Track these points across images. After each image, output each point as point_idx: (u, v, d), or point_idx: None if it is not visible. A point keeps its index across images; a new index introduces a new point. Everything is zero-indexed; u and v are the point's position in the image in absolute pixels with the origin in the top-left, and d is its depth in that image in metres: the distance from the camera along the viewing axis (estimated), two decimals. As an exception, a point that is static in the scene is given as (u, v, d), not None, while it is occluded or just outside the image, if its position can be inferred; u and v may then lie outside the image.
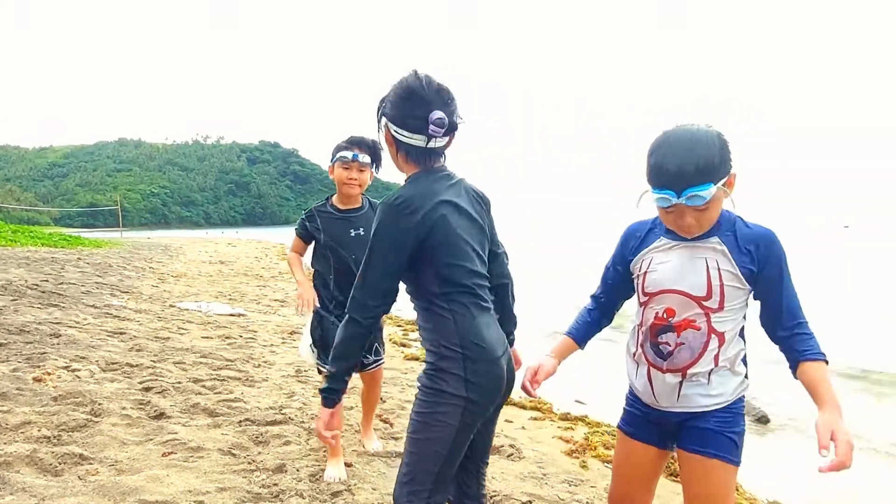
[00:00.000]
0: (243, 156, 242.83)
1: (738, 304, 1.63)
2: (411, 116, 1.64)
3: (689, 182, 1.49)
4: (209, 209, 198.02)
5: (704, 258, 1.61)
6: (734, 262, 1.59)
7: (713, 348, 1.62)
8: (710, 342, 1.62)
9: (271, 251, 27.25)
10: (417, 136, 1.65)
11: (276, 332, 6.93)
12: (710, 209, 1.54)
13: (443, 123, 1.63)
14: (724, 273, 1.59)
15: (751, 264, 1.59)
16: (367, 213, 2.90)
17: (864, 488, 3.64)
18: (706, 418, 1.64)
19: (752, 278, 1.60)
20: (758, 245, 1.59)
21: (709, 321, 1.61)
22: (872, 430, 4.65)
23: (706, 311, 1.61)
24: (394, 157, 1.77)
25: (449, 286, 1.64)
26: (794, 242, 18.11)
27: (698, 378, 1.63)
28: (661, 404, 1.70)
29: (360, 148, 2.81)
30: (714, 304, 1.60)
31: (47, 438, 2.96)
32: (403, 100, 1.66)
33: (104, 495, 2.46)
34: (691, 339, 1.63)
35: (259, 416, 3.68)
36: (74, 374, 4.15)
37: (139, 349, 5.22)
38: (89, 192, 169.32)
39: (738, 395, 1.66)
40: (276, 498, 2.61)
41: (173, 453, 2.99)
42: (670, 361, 1.65)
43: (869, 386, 5.89)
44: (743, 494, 3.17)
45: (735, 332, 1.64)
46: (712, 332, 1.62)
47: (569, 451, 3.64)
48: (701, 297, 1.61)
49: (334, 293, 2.87)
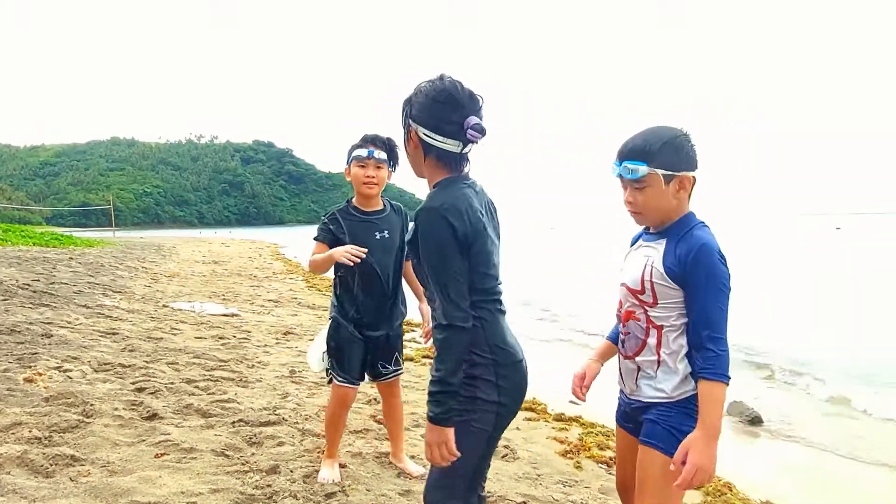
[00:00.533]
0: (237, 155, 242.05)
1: (674, 302, 1.70)
2: (446, 121, 1.63)
3: (627, 156, 1.70)
4: (203, 209, 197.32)
5: (648, 257, 1.75)
6: (663, 263, 1.70)
7: (653, 341, 1.73)
8: (649, 333, 1.73)
9: (265, 251, 27.17)
10: (451, 140, 1.64)
11: (270, 333, 6.90)
12: (645, 192, 1.70)
13: (482, 129, 1.64)
14: (654, 271, 1.71)
15: (677, 268, 1.67)
16: (391, 216, 2.81)
17: (859, 489, 3.66)
18: (650, 410, 1.75)
19: (680, 281, 1.67)
20: (688, 252, 1.65)
21: (646, 314, 1.73)
22: (872, 434, 4.68)
23: (642, 304, 1.74)
24: (418, 162, 1.73)
25: (478, 294, 1.63)
26: (785, 243, 18.15)
27: (647, 370, 1.75)
28: (626, 390, 1.84)
29: (376, 144, 2.72)
30: (648, 299, 1.72)
31: (38, 439, 2.94)
32: (439, 104, 1.63)
33: (96, 497, 2.44)
34: (633, 328, 1.77)
35: (253, 416, 3.66)
36: (66, 374, 4.12)
37: (132, 349, 5.19)
38: (81, 191, 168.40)
39: (682, 394, 1.69)
40: (269, 499, 2.60)
41: (166, 454, 2.97)
42: (625, 349, 1.81)
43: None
44: (736, 495, 3.18)
45: (676, 329, 1.70)
46: (650, 325, 1.73)
47: (563, 451, 3.64)
48: (636, 290, 1.75)
49: (358, 297, 2.75)
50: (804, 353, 7.25)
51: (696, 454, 1.55)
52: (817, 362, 6.87)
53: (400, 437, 3.08)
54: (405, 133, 1.74)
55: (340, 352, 2.79)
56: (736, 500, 3.10)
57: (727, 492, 3.19)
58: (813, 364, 6.78)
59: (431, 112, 1.64)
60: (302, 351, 6.01)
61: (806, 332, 8.70)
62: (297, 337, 6.81)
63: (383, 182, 2.75)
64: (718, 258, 1.64)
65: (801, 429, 4.69)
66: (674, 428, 1.68)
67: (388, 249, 2.74)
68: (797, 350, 7.42)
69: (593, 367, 1.96)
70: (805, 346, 7.70)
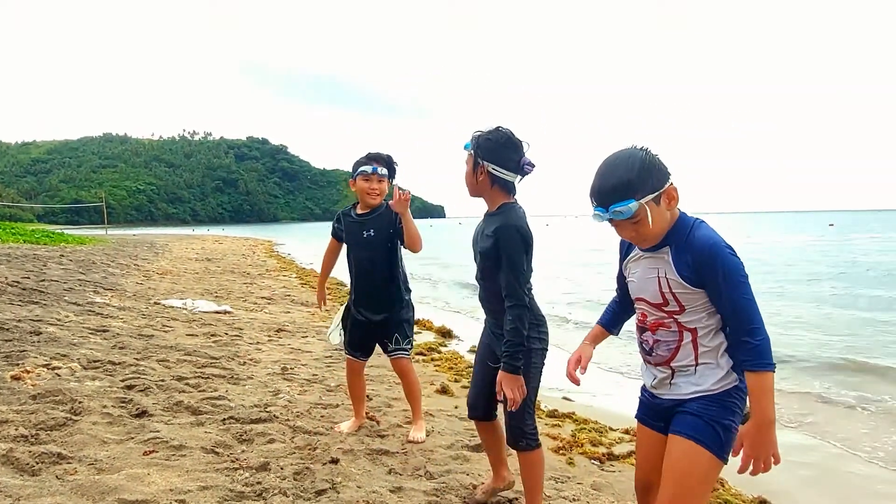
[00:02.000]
0: (231, 152, 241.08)
1: (700, 304, 1.69)
2: (510, 160, 2.29)
3: (611, 199, 1.66)
4: (196, 206, 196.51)
5: (657, 269, 1.74)
6: (675, 270, 1.69)
7: (688, 342, 1.73)
8: (683, 337, 1.74)
9: (259, 248, 27.09)
10: (512, 174, 2.30)
11: (262, 330, 6.87)
12: (643, 223, 1.66)
13: (533, 165, 2.33)
14: (671, 282, 1.71)
15: (689, 272, 1.67)
16: (380, 216, 3.27)
17: (854, 484, 3.67)
18: (688, 404, 1.73)
19: (697, 283, 1.67)
20: (698, 255, 1.65)
21: (676, 321, 1.74)
22: (866, 428, 4.70)
23: (670, 314, 1.74)
24: (483, 189, 2.36)
25: (528, 283, 2.31)
26: (781, 239, 18.24)
27: (684, 370, 1.74)
28: (658, 392, 1.83)
29: (379, 162, 3.26)
30: (675, 308, 1.72)
31: (25, 437, 2.90)
32: (504, 147, 2.29)
33: (83, 495, 2.41)
34: (665, 336, 1.77)
35: (243, 414, 3.63)
36: (54, 372, 4.07)
37: (122, 347, 5.14)
38: (73, 188, 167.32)
39: (723, 387, 1.70)
40: (259, 496, 2.57)
41: (155, 452, 2.93)
42: (654, 357, 1.81)
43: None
44: (728, 490, 3.18)
45: (711, 326, 1.70)
46: (683, 329, 1.73)
47: (556, 447, 3.63)
48: (659, 304, 1.75)
49: (354, 285, 3.36)
50: (795, 347, 7.28)
51: (749, 444, 1.60)
52: (807, 356, 6.90)
53: (415, 408, 3.52)
54: (475, 168, 2.33)
55: (346, 330, 3.45)
56: (728, 496, 3.09)
57: (719, 487, 3.18)
58: (803, 358, 6.81)
59: (498, 153, 2.29)
60: (294, 348, 5.99)
61: (794, 326, 8.74)
62: (290, 334, 6.78)
63: (384, 193, 3.28)
64: (728, 252, 1.63)
65: (795, 424, 4.70)
66: (714, 421, 1.68)
67: (372, 245, 3.26)
68: (785, 344, 7.45)
69: (587, 350, 2.02)
70: (793, 341, 7.73)
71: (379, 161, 3.26)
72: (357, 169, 3.26)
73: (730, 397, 1.69)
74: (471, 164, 2.36)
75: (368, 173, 3.22)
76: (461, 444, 3.45)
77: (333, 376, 4.93)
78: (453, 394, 4.77)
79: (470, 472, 3.04)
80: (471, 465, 3.14)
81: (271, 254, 24.11)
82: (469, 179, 2.38)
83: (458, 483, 2.87)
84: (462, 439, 3.53)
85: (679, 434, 1.72)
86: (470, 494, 2.75)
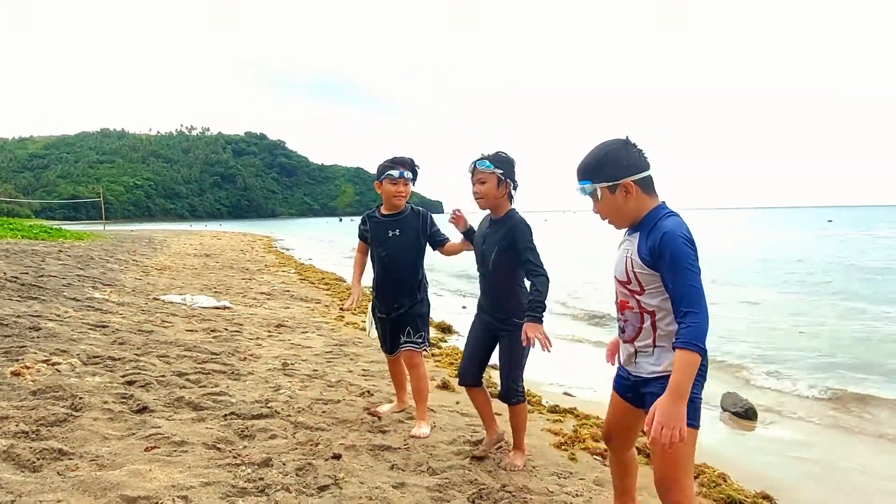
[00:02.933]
0: (229, 147, 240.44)
1: (658, 288, 1.91)
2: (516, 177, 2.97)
3: (579, 176, 2.03)
4: (194, 201, 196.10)
5: (627, 250, 1.99)
6: (639, 252, 1.93)
7: (648, 324, 1.96)
8: (644, 319, 1.97)
9: (257, 244, 27.05)
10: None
11: (262, 326, 6.85)
12: (600, 204, 2.00)
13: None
14: (634, 262, 1.95)
15: (648, 255, 1.89)
16: (406, 218, 3.47)
17: (856, 479, 3.67)
18: (652, 384, 1.97)
19: (652, 265, 1.89)
20: (655, 238, 1.88)
21: (638, 302, 1.97)
22: (879, 416, 4.70)
23: (632, 293, 1.99)
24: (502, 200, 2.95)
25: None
26: (778, 235, 18.24)
27: (644, 350, 2.00)
28: (627, 368, 2.09)
29: (404, 166, 3.42)
30: (636, 288, 1.97)
31: (25, 433, 2.88)
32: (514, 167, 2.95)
33: (84, 491, 2.39)
34: (630, 317, 2.02)
35: (244, 409, 3.62)
36: (54, 367, 4.06)
37: (122, 342, 5.13)
38: (71, 183, 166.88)
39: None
40: (261, 492, 2.56)
41: (156, 448, 2.92)
42: (624, 335, 2.06)
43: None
44: (731, 485, 3.17)
45: (667, 311, 1.90)
46: (643, 311, 1.97)
47: (558, 443, 3.63)
48: (624, 281, 2.01)
49: (377, 282, 3.53)
50: (791, 347, 7.29)
51: (660, 413, 1.76)
52: (804, 355, 6.91)
53: (418, 405, 3.59)
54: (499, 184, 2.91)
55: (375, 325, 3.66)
56: (731, 491, 3.09)
57: (722, 483, 3.18)
58: (801, 357, 6.81)
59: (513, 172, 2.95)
60: (294, 344, 5.98)
61: (792, 325, 8.76)
62: (290, 330, 6.77)
63: (408, 195, 3.48)
64: (683, 242, 1.83)
65: (796, 420, 4.70)
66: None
67: (400, 244, 3.44)
68: (783, 343, 7.45)
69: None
70: (791, 340, 7.74)
71: (404, 165, 3.42)
72: (384, 173, 3.41)
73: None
74: (494, 181, 2.89)
75: (395, 177, 3.38)
76: (463, 439, 3.45)
77: (334, 372, 4.92)
78: (454, 389, 4.76)
79: (472, 467, 3.03)
80: (473, 461, 3.13)
81: (270, 249, 24.08)
82: (493, 193, 2.90)
83: (460, 478, 2.86)
84: (464, 435, 3.52)
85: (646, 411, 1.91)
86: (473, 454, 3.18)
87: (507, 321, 2.97)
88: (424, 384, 3.56)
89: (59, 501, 2.27)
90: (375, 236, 3.47)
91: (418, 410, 3.58)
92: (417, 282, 3.52)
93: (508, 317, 2.96)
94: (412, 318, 3.50)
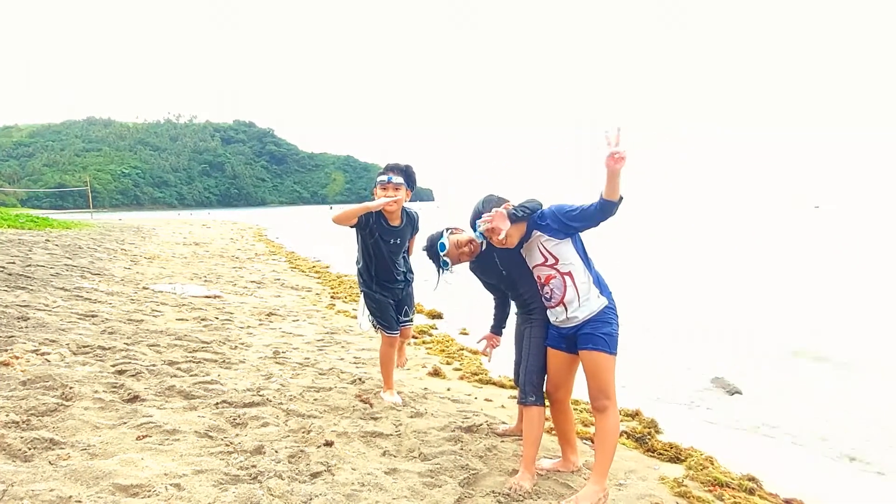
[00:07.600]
0: (217, 135, 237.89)
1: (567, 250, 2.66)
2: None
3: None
4: (183, 190, 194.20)
5: (535, 244, 2.74)
6: (547, 234, 2.68)
7: (570, 284, 2.65)
8: (565, 281, 2.65)
9: (247, 232, 26.89)
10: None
11: (252, 314, 6.84)
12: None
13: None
14: (545, 242, 2.69)
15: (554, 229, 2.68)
16: (404, 228, 3.73)
17: (842, 465, 3.74)
18: (583, 327, 2.64)
19: (560, 235, 2.66)
20: (548, 219, 2.68)
21: (558, 271, 2.66)
22: (854, 407, 4.78)
23: (552, 267, 2.68)
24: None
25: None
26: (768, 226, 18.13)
27: (572, 303, 2.65)
28: (561, 325, 2.73)
29: (394, 171, 3.55)
30: (553, 261, 2.68)
31: (16, 423, 2.88)
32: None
33: (76, 480, 2.40)
34: (555, 284, 2.69)
35: (236, 397, 3.63)
36: (44, 357, 4.04)
37: (111, 332, 5.11)
38: (57, 172, 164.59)
39: (600, 306, 2.64)
40: (254, 479, 2.58)
41: (148, 436, 2.93)
42: (552, 301, 2.72)
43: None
44: (717, 468, 3.23)
45: (578, 266, 2.65)
46: (562, 274, 2.66)
47: (549, 428, 3.66)
48: (542, 262, 2.71)
49: (376, 276, 3.76)
50: (785, 334, 7.38)
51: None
52: (797, 342, 7.00)
53: (401, 350, 4.20)
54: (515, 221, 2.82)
55: (383, 312, 3.80)
56: (717, 474, 3.14)
57: (709, 465, 3.23)
58: (793, 343, 6.90)
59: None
60: (285, 332, 5.98)
61: (790, 311, 8.86)
62: (281, 318, 6.77)
63: (402, 198, 3.55)
64: (556, 207, 2.65)
65: (783, 404, 4.77)
66: (603, 333, 2.60)
67: (397, 249, 3.76)
68: (779, 329, 7.54)
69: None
70: (786, 326, 7.83)
71: (395, 171, 3.56)
72: (376, 179, 3.63)
73: (605, 314, 2.64)
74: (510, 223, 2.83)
75: (385, 182, 3.54)
76: (454, 425, 3.48)
77: (325, 359, 4.93)
78: (445, 376, 4.80)
79: (463, 453, 3.06)
80: (464, 446, 3.16)
81: (260, 237, 23.95)
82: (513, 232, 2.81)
83: (451, 464, 2.89)
84: (455, 421, 3.55)
85: (585, 349, 2.62)
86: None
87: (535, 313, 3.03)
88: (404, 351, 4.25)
89: (51, 490, 2.27)
90: (381, 237, 3.65)
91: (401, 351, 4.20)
92: (406, 272, 3.95)
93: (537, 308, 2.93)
94: (408, 298, 3.96)
